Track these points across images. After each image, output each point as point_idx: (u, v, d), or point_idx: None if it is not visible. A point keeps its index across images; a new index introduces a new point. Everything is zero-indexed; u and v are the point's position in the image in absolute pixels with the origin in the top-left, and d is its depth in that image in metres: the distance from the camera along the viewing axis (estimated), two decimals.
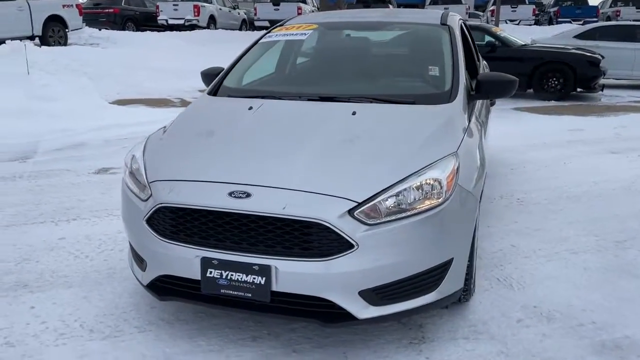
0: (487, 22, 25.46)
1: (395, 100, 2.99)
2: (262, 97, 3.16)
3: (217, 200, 2.30)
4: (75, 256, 3.46)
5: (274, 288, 2.27)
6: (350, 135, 2.62)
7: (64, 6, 15.24)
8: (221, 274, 2.31)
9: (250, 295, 2.30)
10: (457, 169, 2.48)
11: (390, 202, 2.29)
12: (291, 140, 2.63)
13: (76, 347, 2.51)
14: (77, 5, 15.69)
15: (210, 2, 20.02)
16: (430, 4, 25.30)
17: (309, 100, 3.06)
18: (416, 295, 2.40)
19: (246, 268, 2.27)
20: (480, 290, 3.04)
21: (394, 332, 2.64)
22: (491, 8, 24.20)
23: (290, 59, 3.86)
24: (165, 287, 2.49)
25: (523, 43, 11.08)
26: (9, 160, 5.83)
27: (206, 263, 2.32)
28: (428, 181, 2.36)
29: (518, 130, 7.57)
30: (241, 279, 2.29)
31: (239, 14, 22.49)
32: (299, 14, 19.59)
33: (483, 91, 3.27)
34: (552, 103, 10.15)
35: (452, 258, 2.44)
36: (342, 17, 4.12)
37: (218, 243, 2.31)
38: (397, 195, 2.30)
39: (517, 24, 23.08)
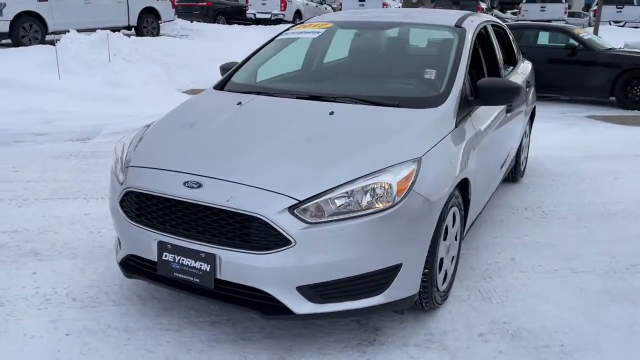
0: (589, 24, 23.97)
1: (379, 102, 2.99)
2: (258, 93, 3.27)
3: (172, 188, 2.44)
4: (90, 231, 3.77)
5: (218, 276, 2.38)
6: (317, 134, 2.67)
7: None
8: (174, 258, 2.46)
9: (198, 280, 2.43)
10: (416, 175, 2.46)
11: (336, 203, 2.32)
12: (257, 136, 2.71)
13: (54, 312, 2.76)
14: None
15: None
16: (525, 2, 24.22)
17: (297, 98, 3.13)
18: (360, 296, 2.42)
19: (194, 254, 2.40)
20: (456, 300, 2.98)
21: (348, 332, 2.66)
22: (594, 8, 22.74)
23: (298, 57, 3.93)
24: (132, 266, 2.68)
25: (609, 47, 10.38)
26: (73, 140, 6.36)
27: (162, 247, 2.48)
28: (377, 185, 2.37)
29: (581, 139, 7.15)
30: (190, 264, 2.42)
31: (325, 9, 22.74)
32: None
33: (482, 97, 3.18)
34: (634, 113, 9.45)
35: (401, 263, 2.43)
36: (360, 16, 4.13)
37: (172, 229, 2.45)
38: (342, 196, 2.33)
39: (622, 26, 21.54)
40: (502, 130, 3.84)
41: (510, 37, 4.82)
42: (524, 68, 4.92)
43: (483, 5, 23.35)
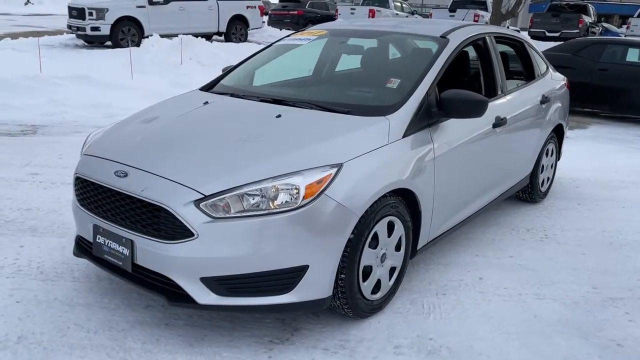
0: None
1: (333, 108, 3.03)
2: (231, 95, 3.43)
3: (105, 176, 2.66)
4: None
5: (135, 261, 2.56)
6: (252, 135, 2.77)
7: (247, 7, 16.97)
8: (104, 241, 2.67)
9: (120, 264, 2.62)
10: (332, 180, 2.49)
11: (247, 200, 2.42)
12: (197, 133, 2.87)
13: (17, 282, 3.08)
14: (259, 6, 17.33)
15: (387, 7, 20.43)
16: (636, 17, 22.53)
17: (261, 101, 3.25)
18: (267, 293, 2.49)
19: (118, 239, 2.59)
20: (393, 311, 2.95)
21: (267, 329, 2.73)
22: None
23: (290, 63, 4.04)
24: (81, 246, 2.93)
25: None
26: None
27: (96, 230, 2.70)
28: (285, 186, 2.43)
29: (627, 162, 6.60)
30: (115, 248, 2.62)
31: (416, 18, 22.58)
32: (476, 21, 19.07)
33: (444, 109, 3.12)
34: None
35: (307, 265, 2.47)
36: (353, 25, 4.16)
37: (104, 214, 2.67)
38: (254, 194, 2.42)
39: None
40: (492, 147, 3.71)
41: (530, 51, 4.62)
42: (545, 83, 4.68)
43: (587, 19, 22.04)
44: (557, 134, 4.95)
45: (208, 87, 3.74)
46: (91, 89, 8.83)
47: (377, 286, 2.86)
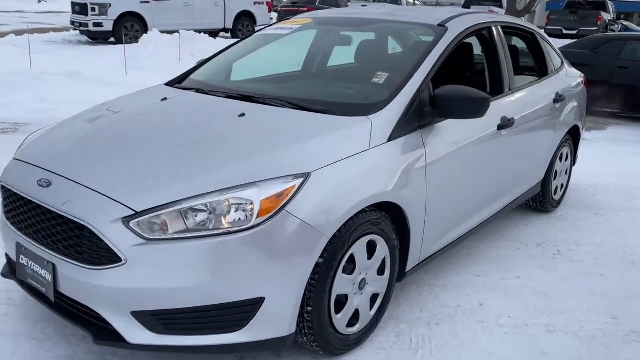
0: None
1: (308, 107, 2.58)
2: (197, 90, 2.99)
3: (26, 185, 2.24)
4: None
5: (58, 288, 2.13)
6: (208, 136, 2.34)
7: (255, 3, 16.57)
8: (27, 262, 2.25)
9: (44, 290, 2.20)
10: (295, 193, 2.05)
11: (188, 218, 1.98)
12: (143, 135, 2.44)
13: None
14: (267, 3, 16.91)
15: (400, 4, 19.91)
16: None
17: (228, 97, 2.81)
18: (212, 331, 2.05)
19: (40, 261, 2.17)
20: (375, 346, 2.50)
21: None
22: None
23: (270, 55, 3.60)
24: (11, 265, 2.51)
25: None
26: None
27: (19, 248, 2.28)
28: (237, 200, 1.99)
29: None
30: (38, 271, 2.20)
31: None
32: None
33: (438, 108, 2.66)
34: None
35: (263, 297, 2.03)
36: (341, 13, 3.70)
37: (26, 229, 2.25)
38: (199, 210, 1.98)
39: None
40: (497, 152, 3.23)
41: (543, 44, 4.13)
42: (559, 80, 4.18)
43: (606, 17, 21.32)
44: (573, 137, 4.46)
45: (176, 82, 3.32)
46: (82, 85, 8.46)
47: (355, 317, 2.42)
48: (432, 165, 2.63)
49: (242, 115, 2.51)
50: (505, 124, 3.21)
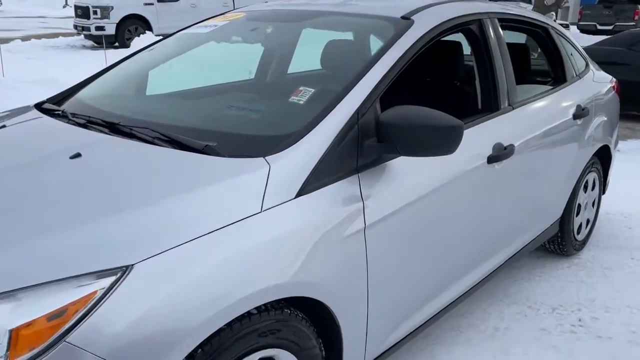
0: None
1: (183, 141, 1.72)
2: (61, 114, 2.15)
3: None
4: None
5: None
6: (10, 192, 1.50)
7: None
8: None
9: None
10: (96, 306, 1.19)
11: None
12: None
13: None
14: None
15: None
16: None
17: (88, 124, 1.96)
18: None
19: None
20: None
21: None
22: None
23: (185, 60, 2.73)
24: None
25: None
26: None
27: None
28: None
29: None
30: None
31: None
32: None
33: (385, 140, 1.77)
34: None
35: None
36: (283, 5, 2.80)
37: None
38: None
39: None
40: (488, 194, 2.33)
41: (559, 42, 3.17)
42: (582, 88, 3.22)
43: None
44: (601, 159, 3.49)
45: (57, 100, 2.49)
46: (51, 92, 7.78)
47: None
48: (376, 228, 1.75)
49: (76, 156, 1.66)
50: (500, 153, 2.29)
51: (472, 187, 2.19)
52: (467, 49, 2.66)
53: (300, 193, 1.58)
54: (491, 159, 2.26)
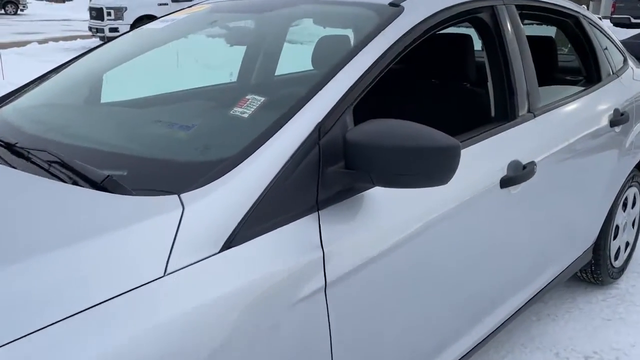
0: None
1: (80, 172, 1.28)
2: None
3: None
4: None
5: None
6: None
7: None
8: None
9: None
10: None
11: None
12: None
13: None
14: None
15: None
16: None
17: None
18: None
19: None
20: None
21: None
22: None
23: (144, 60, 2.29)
24: None
25: None
26: None
27: None
28: None
29: None
30: None
31: None
32: None
33: (356, 165, 1.31)
34: None
35: None
36: None
37: None
38: None
39: None
40: (501, 225, 1.85)
41: (592, 33, 2.66)
42: (620, 89, 2.69)
43: None
44: None
45: None
46: None
47: None
48: (342, 284, 1.29)
49: None
50: (517, 174, 1.81)
51: (479, 220, 1.71)
52: (477, 44, 2.18)
53: (228, 245, 1.14)
54: (506, 182, 1.78)
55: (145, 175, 1.26)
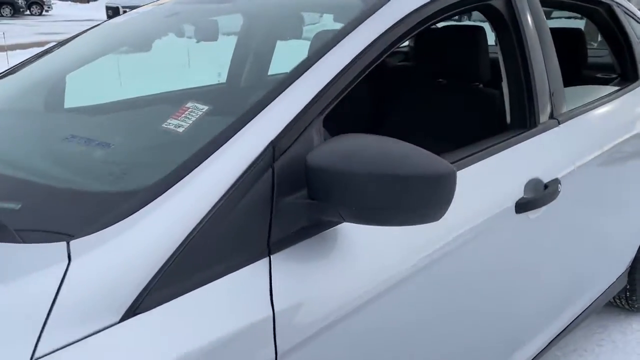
0: None
1: None
2: None
3: None
4: None
5: None
6: None
7: None
8: None
9: None
10: None
11: None
12: None
13: None
14: None
15: None
16: None
17: None
18: None
19: None
20: None
21: None
22: None
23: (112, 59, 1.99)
24: None
25: None
26: None
27: None
28: None
29: None
30: None
31: None
32: None
33: (320, 196, 0.99)
34: None
35: None
36: None
37: None
38: None
39: None
40: (516, 256, 1.52)
41: (626, 23, 2.29)
42: None
43: None
44: None
45: None
46: None
47: None
48: (299, 353, 0.98)
49: None
50: (537, 196, 1.47)
51: (489, 256, 1.38)
52: (491, 37, 1.85)
53: (134, 310, 0.84)
54: (522, 206, 1.44)
55: (41, 211, 0.96)
